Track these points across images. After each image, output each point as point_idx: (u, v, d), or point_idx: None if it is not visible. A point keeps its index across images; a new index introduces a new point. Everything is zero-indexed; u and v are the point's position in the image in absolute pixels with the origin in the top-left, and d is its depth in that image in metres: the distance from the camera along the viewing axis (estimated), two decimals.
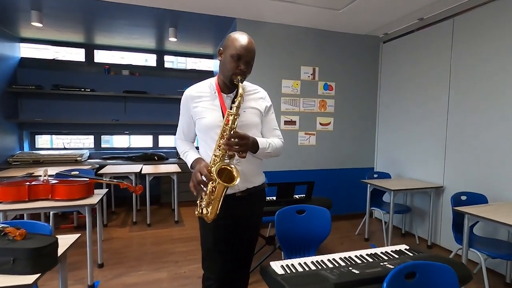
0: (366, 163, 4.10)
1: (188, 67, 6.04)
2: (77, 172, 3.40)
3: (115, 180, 2.47)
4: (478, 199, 2.51)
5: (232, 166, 1.29)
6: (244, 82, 1.50)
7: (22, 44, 4.43)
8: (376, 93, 4.09)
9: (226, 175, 1.29)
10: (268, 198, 2.50)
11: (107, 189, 2.65)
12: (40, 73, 4.34)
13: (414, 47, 3.51)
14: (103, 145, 4.90)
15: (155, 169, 3.91)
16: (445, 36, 3.10)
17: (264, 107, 1.49)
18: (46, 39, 4.40)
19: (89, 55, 4.70)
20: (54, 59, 4.58)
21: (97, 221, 2.60)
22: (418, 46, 3.45)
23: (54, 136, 4.97)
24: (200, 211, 1.36)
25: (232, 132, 1.27)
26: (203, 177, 1.27)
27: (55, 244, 1.25)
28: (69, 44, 4.60)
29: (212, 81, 1.47)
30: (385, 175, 3.62)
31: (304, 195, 2.58)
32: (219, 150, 1.29)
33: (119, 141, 5.55)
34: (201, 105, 1.43)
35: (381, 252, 1.49)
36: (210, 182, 1.27)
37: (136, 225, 3.76)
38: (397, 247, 1.54)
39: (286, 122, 3.69)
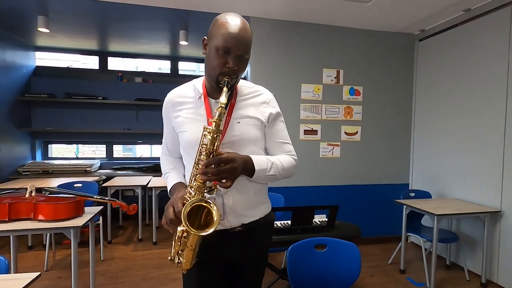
0: (400, 179, 3.56)
1: None
2: (80, 185, 3.19)
3: (107, 198, 2.18)
4: None
5: (210, 202, 0.91)
6: (241, 82, 1.13)
7: (38, 53, 4.40)
8: (411, 98, 3.57)
9: (203, 214, 0.92)
10: (282, 222, 2.09)
11: (102, 207, 2.37)
12: (54, 82, 4.27)
13: (458, 44, 2.98)
14: (125, 154, 4.77)
15: (165, 181, 3.63)
16: (500, 28, 2.57)
17: (267, 115, 1.10)
18: (61, 47, 4.35)
19: (103, 63, 4.60)
20: (68, 67, 4.52)
21: (89, 240, 2.31)
22: (463, 43, 2.92)
23: (80, 145, 4.90)
24: (173, 257, 0.99)
25: (211, 156, 0.90)
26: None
27: None
28: (84, 51, 4.52)
29: (198, 83, 1.10)
30: (424, 194, 3.07)
31: (325, 219, 2.13)
32: (195, 180, 0.93)
33: (141, 150, 5.34)
34: (183, 114, 1.07)
35: None
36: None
37: (141, 242, 3.47)
38: None
39: (306, 132, 3.27)
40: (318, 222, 2.14)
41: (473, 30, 2.83)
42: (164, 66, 4.91)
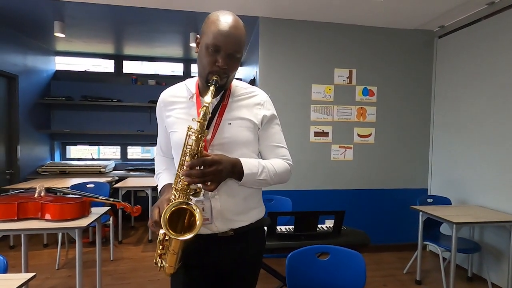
0: (417, 184, 3.37)
1: None
2: (92, 186, 3.26)
3: (111, 199, 2.20)
4: None
5: (191, 204, 0.87)
6: (236, 83, 1.09)
7: (57, 58, 4.58)
8: (429, 99, 3.38)
9: (187, 216, 0.88)
10: (286, 227, 2.01)
11: (109, 208, 2.40)
12: (71, 85, 4.42)
13: (481, 41, 2.78)
14: (143, 156, 4.91)
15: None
16: None
17: (260, 117, 1.05)
18: (78, 51, 4.49)
19: (118, 66, 4.72)
20: (85, 70, 4.66)
21: (96, 241, 2.34)
22: (487, 39, 2.73)
23: (96, 147, 5.07)
24: (157, 259, 0.98)
25: (195, 158, 0.86)
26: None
27: None
28: (100, 55, 4.65)
29: (191, 83, 1.07)
30: (443, 200, 2.89)
31: (331, 225, 2.03)
32: (180, 182, 0.90)
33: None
34: (174, 114, 1.05)
35: None
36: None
37: (151, 243, 3.50)
38: None
39: (316, 134, 3.17)
40: (325, 228, 2.05)
41: (497, 25, 2.63)
42: (177, 69, 4.96)
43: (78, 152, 5.08)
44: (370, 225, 3.15)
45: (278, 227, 1.93)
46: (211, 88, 0.90)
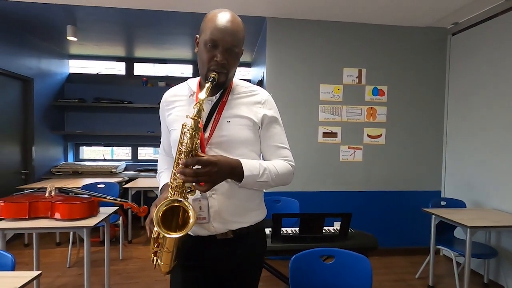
0: (430, 186, 3.27)
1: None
2: (103, 186, 3.32)
3: (119, 199, 2.23)
4: None
5: (185, 201, 0.86)
6: (238, 81, 1.08)
7: (71, 61, 4.70)
8: (443, 98, 3.27)
9: (180, 215, 0.88)
10: (292, 229, 1.99)
11: (118, 207, 2.43)
12: (85, 87, 4.53)
13: (497, 38, 2.68)
14: (155, 156, 5.05)
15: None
16: None
17: (261, 116, 1.03)
18: (91, 54, 4.60)
19: (129, 68, 4.80)
20: (98, 73, 4.77)
21: (104, 240, 2.38)
22: (504, 36, 2.62)
23: (109, 148, 5.19)
24: (153, 257, 0.98)
25: (190, 156, 0.86)
26: None
27: None
28: (112, 58, 4.74)
29: (192, 82, 1.08)
30: (457, 203, 2.78)
31: (338, 228, 1.98)
32: (176, 180, 0.89)
33: None
34: (175, 112, 1.06)
35: None
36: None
37: None
38: None
39: (324, 134, 3.13)
40: (332, 231, 2.00)
41: None
42: (186, 71, 5.01)
43: (92, 153, 5.20)
44: (381, 228, 3.08)
45: (283, 229, 1.91)
46: (207, 85, 0.90)
